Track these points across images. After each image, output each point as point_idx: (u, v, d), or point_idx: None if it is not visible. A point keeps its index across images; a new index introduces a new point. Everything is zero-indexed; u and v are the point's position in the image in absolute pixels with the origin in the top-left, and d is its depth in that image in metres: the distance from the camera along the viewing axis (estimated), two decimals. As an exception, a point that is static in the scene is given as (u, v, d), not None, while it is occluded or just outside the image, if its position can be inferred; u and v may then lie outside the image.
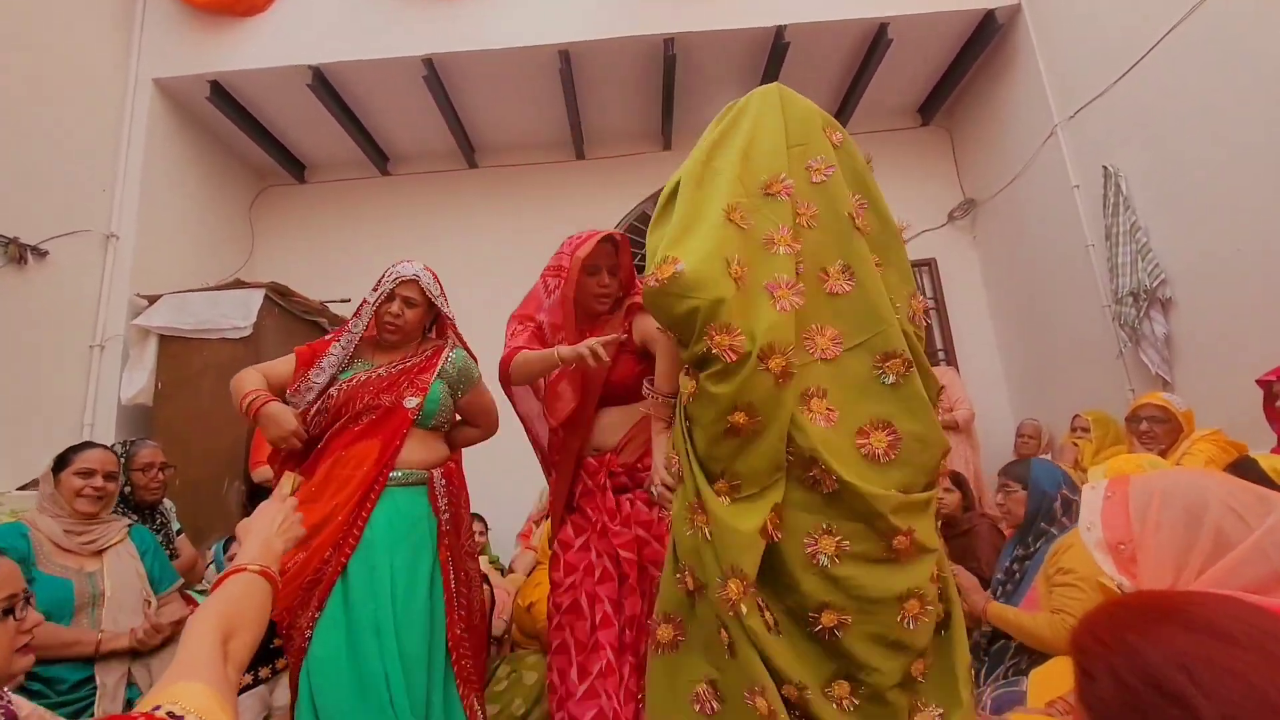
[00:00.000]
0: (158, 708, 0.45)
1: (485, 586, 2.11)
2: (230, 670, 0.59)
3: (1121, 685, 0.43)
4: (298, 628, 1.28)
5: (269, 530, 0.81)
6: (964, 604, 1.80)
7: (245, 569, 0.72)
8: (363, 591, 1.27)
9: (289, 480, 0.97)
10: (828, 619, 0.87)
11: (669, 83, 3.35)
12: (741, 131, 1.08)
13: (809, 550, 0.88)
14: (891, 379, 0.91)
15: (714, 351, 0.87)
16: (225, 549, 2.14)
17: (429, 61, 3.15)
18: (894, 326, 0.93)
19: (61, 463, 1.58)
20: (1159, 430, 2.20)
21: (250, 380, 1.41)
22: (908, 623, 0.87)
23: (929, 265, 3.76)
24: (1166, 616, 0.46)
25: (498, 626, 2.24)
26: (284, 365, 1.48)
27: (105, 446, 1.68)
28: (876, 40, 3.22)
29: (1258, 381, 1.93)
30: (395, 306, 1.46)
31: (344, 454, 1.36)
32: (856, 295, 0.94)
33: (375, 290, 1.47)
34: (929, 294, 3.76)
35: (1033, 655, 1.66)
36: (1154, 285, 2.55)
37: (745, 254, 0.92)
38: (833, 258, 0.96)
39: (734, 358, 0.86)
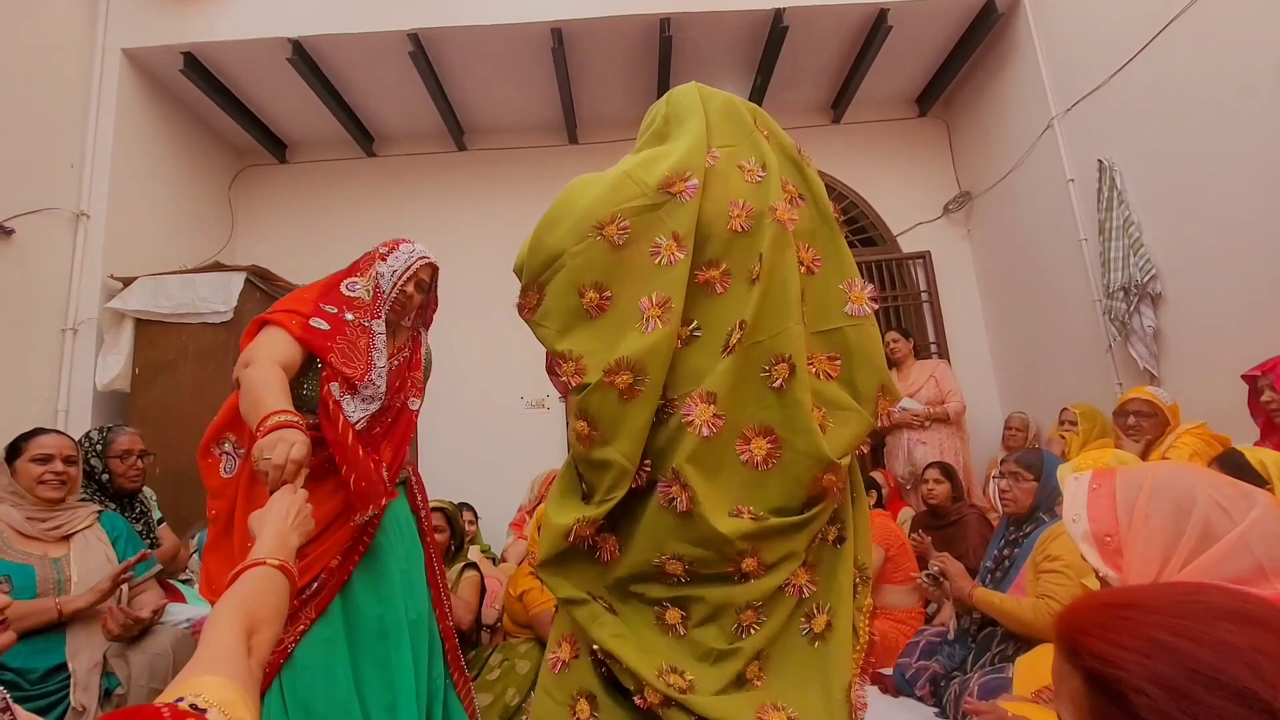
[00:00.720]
0: (180, 699, 0.44)
1: (473, 573, 2.10)
2: (254, 665, 0.58)
3: (1178, 693, 0.40)
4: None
5: (284, 524, 0.78)
6: (951, 589, 1.83)
7: (264, 563, 0.70)
8: (367, 597, 1.23)
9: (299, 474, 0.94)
10: (671, 616, 0.90)
11: (664, 65, 3.27)
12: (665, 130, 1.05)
13: (655, 563, 0.90)
14: (778, 383, 0.88)
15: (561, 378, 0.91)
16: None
17: (415, 37, 3.03)
18: (792, 329, 0.89)
19: (14, 451, 1.53)
20: (1145, 424, 2.22)
21: (277, 397, 1.07)
22: (740, 631, 0.88)
23: (923, 257, 3.76)
24: (1186, 610, 0.44)
25: (489, 615, 2.23)
26: (287, 349, 1.18)
27: (58, 431, 1.64)
28: (876, 26, 3.17)
29: (1243, 377, 1.95)
30: (411, 288, 1.35)
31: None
32: (768, 292, 0.91)
33: (384, 263, 1.33)
34: (923, 286, 3.76)
35: (1019, 643, 1.69)
36: (1145, 280, 2.56)
37: (612, 275, 0.89)
38: (755, 258, 0.93)
39: (575, 383, 0.89)
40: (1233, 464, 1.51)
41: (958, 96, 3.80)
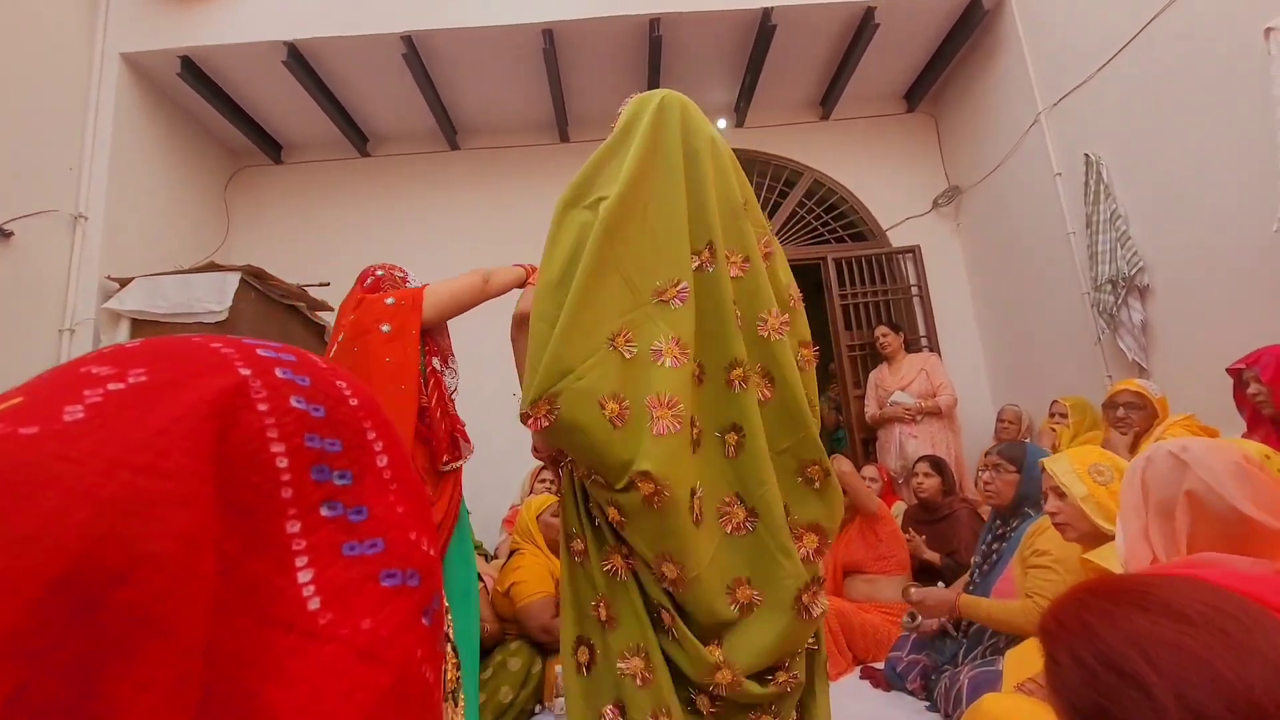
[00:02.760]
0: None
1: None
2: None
3: (1083, 667, 0.44)
4: None
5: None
6: (934, 609, 1.78)
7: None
8: (457, 554, 1.29)
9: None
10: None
11: (655, 65, 3.30)
12: (644, 190, 0.94)
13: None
14: (817, 484, 0.92)
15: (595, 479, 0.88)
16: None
17: (408, 39, 3.07)
18: (814, 435, 0.92)
19: None
20: (1134, 416, 2.24)
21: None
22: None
23: (913, 252, 3.78)
24: (1126, 599, 0.47)
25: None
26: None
27: None
28: (863, 24, 3.20)
29: (1228, 370, 1.96)
30: None
31: None
32: (782, 400, 0.93)
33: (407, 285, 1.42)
34: (913, 280, 3.78)
35: (1010, 638, 1.68)
36: (1132, 273, 2.58)
37: (626, 383, 0.85)
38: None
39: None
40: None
41: (945, 92, 3.82)
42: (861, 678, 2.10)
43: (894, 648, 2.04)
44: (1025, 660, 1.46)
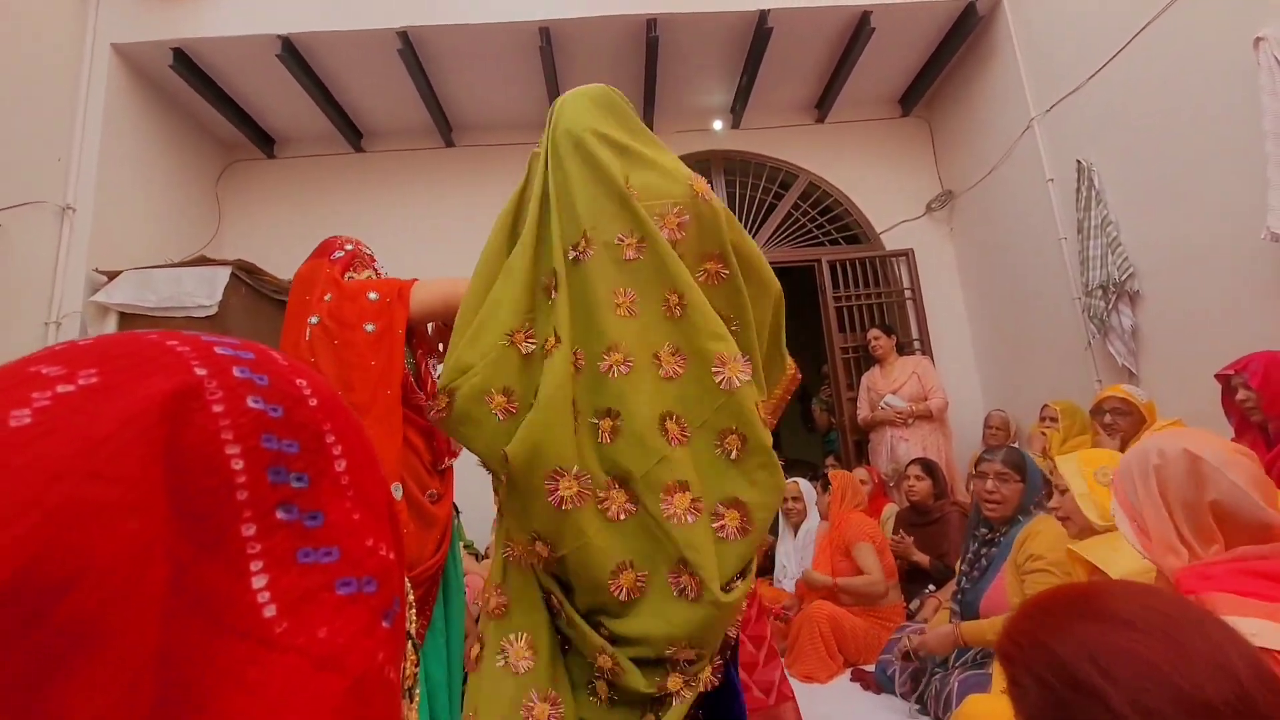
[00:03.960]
0: None
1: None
2: None
3: (1043, 686, 0.44)
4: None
5: None
6: (937, 648, 1.74)
7: None
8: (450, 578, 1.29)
9: None
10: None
11: (651, 65, 3.30)
12: (529, 192, 1.00)
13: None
14: (734, 454, 0.90)
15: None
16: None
17: (404, 35, 3.06)
18: (729, 400, 0.90)
19: None
20: (1121, 422, 2.25)
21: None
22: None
23: (906, 255, 3.80)
24: (1074, 612, 0.47)
25: (474, 611, 2.23)
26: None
27: None
28: (859, 29, 3.22)
29: (1217, 376, 1.97)
30: None
31: None
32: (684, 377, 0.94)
33: (376, 263, 1.40)
34: (906, 284, 3.80)
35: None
36: (1123, 279, 2.60)
37: (521, 378, 0.88)
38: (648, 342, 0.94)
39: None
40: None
41: (940, 97, 3.85)
42: (852, 680, 2.10)
43: (884, 651, 2.04)
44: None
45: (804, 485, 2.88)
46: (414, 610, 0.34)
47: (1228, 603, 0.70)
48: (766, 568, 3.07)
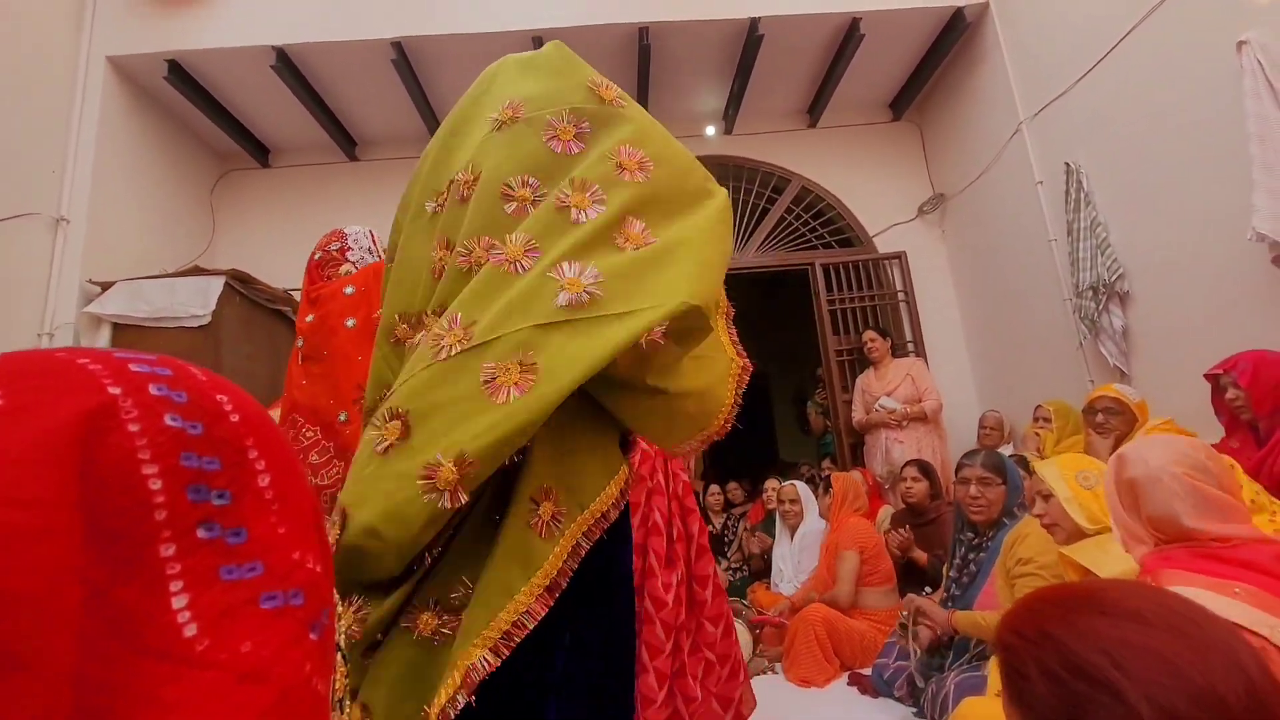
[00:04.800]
0: None
1: None
2: None
3: (1051, 678, 0.44)
4: None
5: None
6: (931, 624, 1.78)
7: None
8: None
9: None
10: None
11: (644, 73, 3.33)
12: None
13: None
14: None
15: None
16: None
17: (398, 45, 3.08)
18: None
19: None
20: (1113, 421, 2.26)
21: None
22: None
23: (899, 258, 3.82)
24: (1082, 605, 0.47)
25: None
26: None
27: None
28: (849, 35, 3.25)
29: (1206, 375, 1.99)
30: None
31: None
32: None
33: (350, 253, 1.35)
34: (899, 286, 3.82)
35: (995, 646, 1.68)
36: (1113, 280, 2.62)
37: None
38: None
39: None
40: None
41: (930, 101, 3.88)
42: (849, 684, 2.10)
43: (881, 654, 2.04)
44: (1010, 665, 1.47)
45: (801, 488, 2.88)
46: (344, 621, 0.35)
47: (1178, 577, 0.73)
48: (764, 571, 3.06)
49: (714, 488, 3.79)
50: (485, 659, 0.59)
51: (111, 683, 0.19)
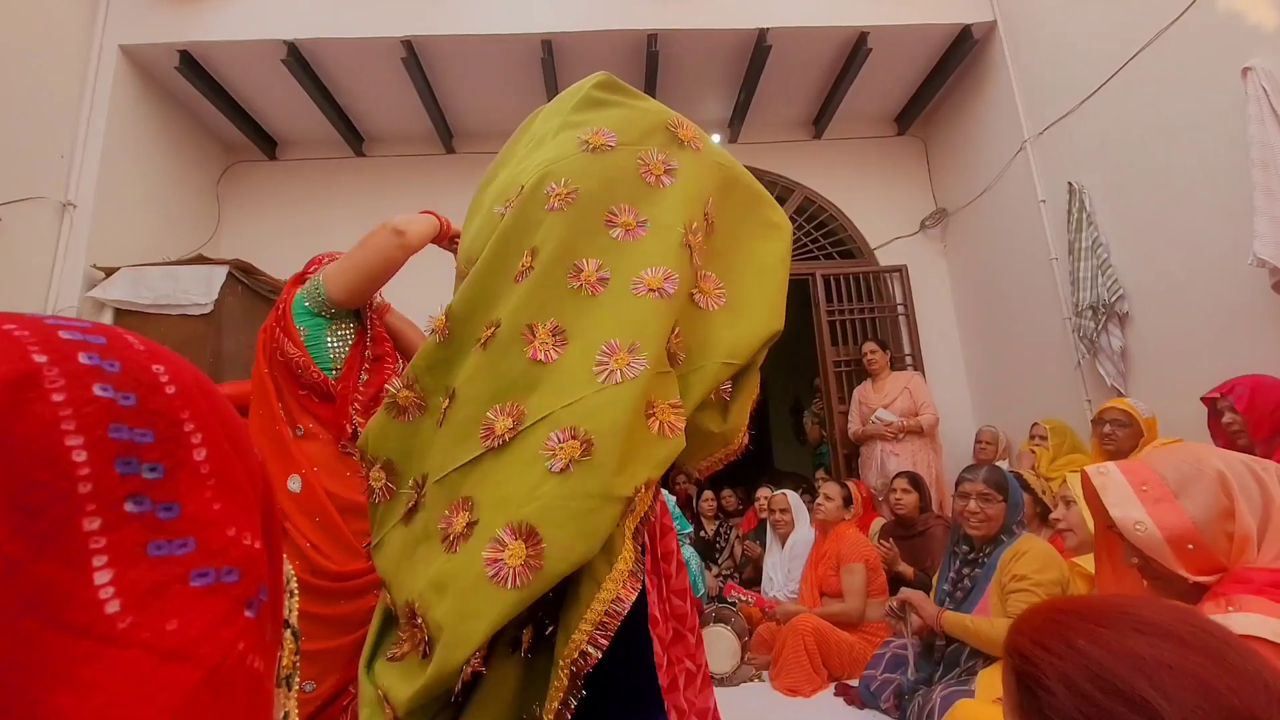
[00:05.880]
0: None
1: None
2: None
3: (1078, 693, 0.42)
4: None
5: None
6: (919, 616, 1.79)
7: None
8: None
9: None
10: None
11: (651, 79, 3.35)
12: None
13: None
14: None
15: None
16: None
17: (409, 43, 3.11)
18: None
19: None
20: (1120, 434, 2.25)
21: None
22: None
23: (900, 272, 3.83)
24: (1113, 620, 0.45)
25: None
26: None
27: None
28: (856, 49, 3.27)
29: (1203, 398, 1.98)
30: None
31: None
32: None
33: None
34: (899, 300, 3.82)
35: (987, 659, 1.67)
36: (1112, 300, 2.63)
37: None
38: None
39: None
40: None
41: (935, 117, 3.90)
42: (835, 695, 2.09)
43: (868, 666, 2.03)
44: (999, 680, 1.46)
45: (793, 498, 2.88)
46: (294, 598, 0.34)
47: (1256, 603, 0.69)
48: (754, 579, 3.06)
49: (708, 494, 3.78)
50: (587, 651, 0.61)
51: (24, 660, 0.18)
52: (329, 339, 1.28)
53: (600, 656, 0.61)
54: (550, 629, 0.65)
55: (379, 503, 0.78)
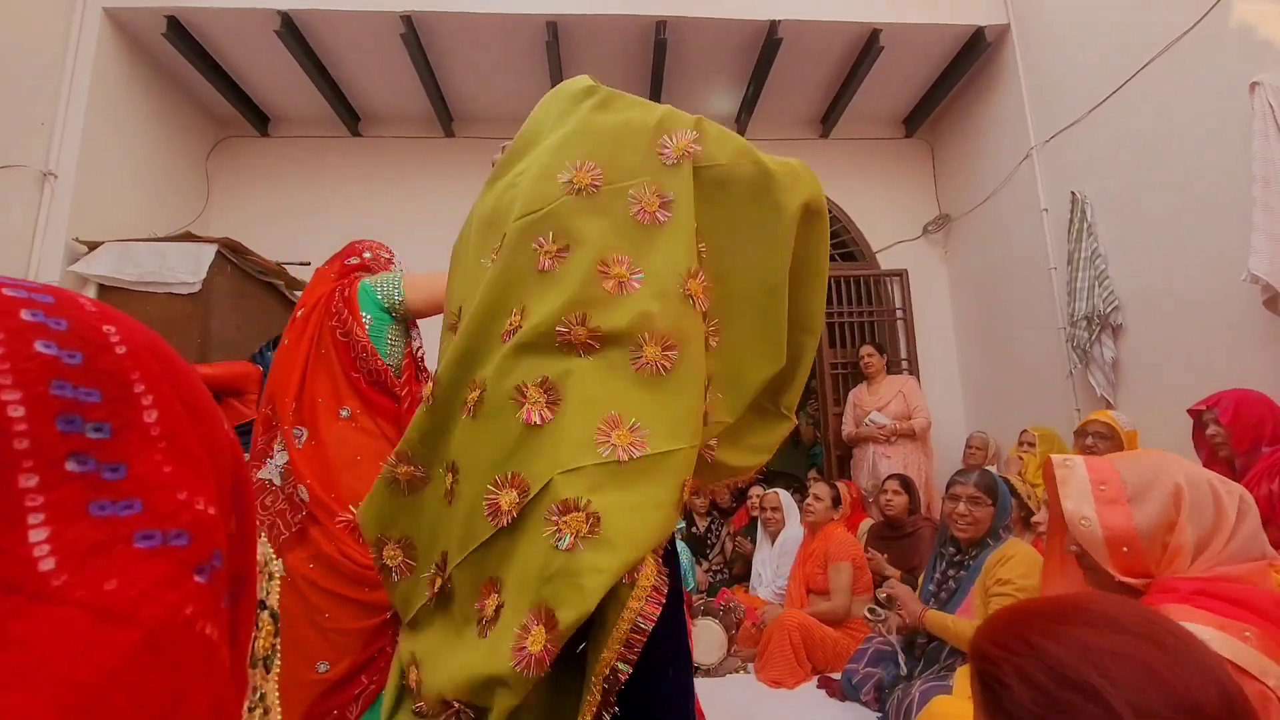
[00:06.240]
0: None
1: None
2: None
3: (1034, 687, 0.44)
4: None
5: None
6: (903, 613, 1.83)
7: None
8: None
9: None
10: None
11: (658, 67, 3.28)
12: None
13: None
14: None
15: None
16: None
17: (408, 19, 3.00)
18: None
19: None
20: (1102, 446, 2.29)
21: None
22: None
23: (900, 275, 3.83)
24: (1063, 615, 0.48)
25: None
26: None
27: None
28: (868, 46, 3.23)
29: (1189, 411, 2.02)
30: None
31: None
32: None
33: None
34: (898, 304, 3.83)
35: (965, 658, 1.71)
36: (1107, 311, 2.65)
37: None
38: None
39: None
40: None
41: (943, 120, 3.88)
42: (818, 686, 2.14)
43: (851, 660, 2.08)
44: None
45: (784, 496, 2.90)
46: (274, 581, 0.33)
47: (1182, 612, 0.72)
48: (743, 575, 3.09)
49: (699, 489, 3.80)
50: (618, 668, 0.62)
51: None
52: (389, 337, 1.31)
53: (630, 673, 0.61)
54: (580, 647, 0.65)
55: (399, 580, 0.77)
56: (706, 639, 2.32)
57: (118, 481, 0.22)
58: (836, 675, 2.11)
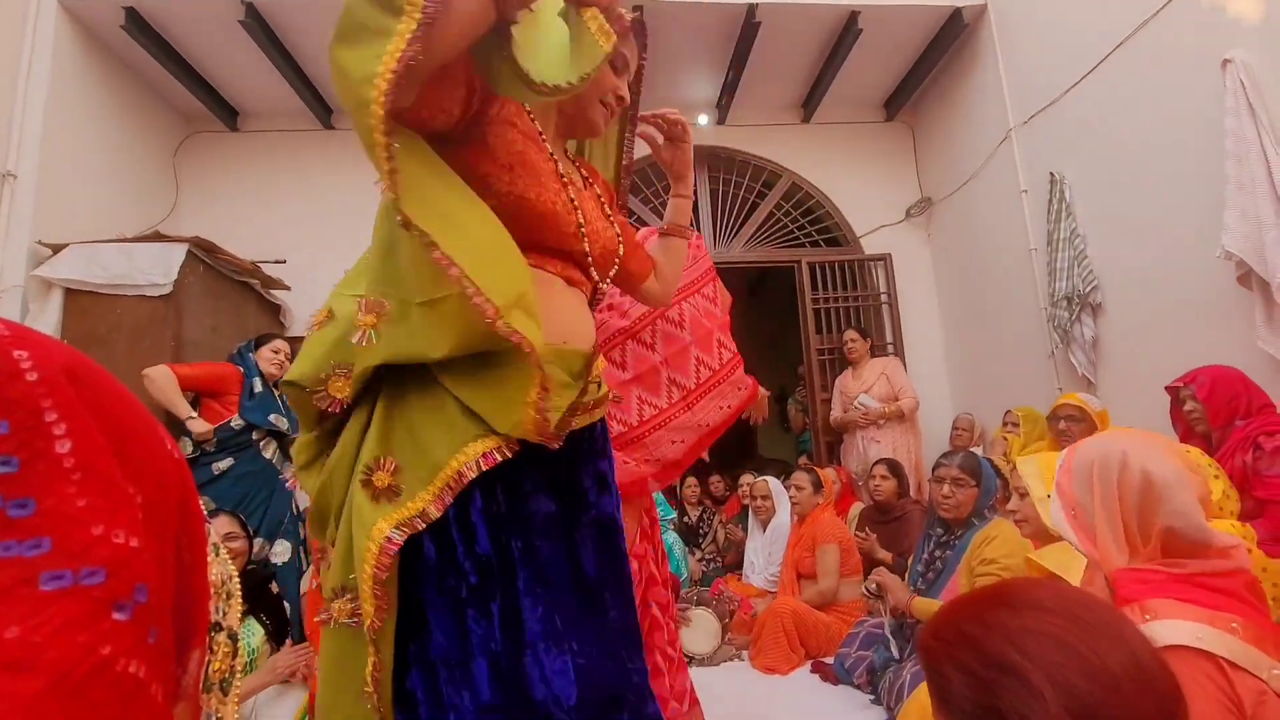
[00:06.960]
0: None
1: None
2: None
3: (968, 674, 0.47)
4: None
5: None
6: (890, 600, 1.85)
7: None
8: None
9: None
10: None
11: (637, 54, 3.24)
12: None
13: None
14: None
15: None
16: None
17: (380, 8, 2.92)
18: None
19: None
20: (1075, 429, 2.33)
21: None
22: None
23: (884, 260, 3.84)
24: (990, 603, 0.50)
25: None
26: None
27: None
28: (846, 29, 3.21)
29: (1167, 388, 2.05)
30: None
31: None
32: None
33: None
34: (883, 288, 3.84)
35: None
36: (1087, 291, 2.68)
37: None
38: None
39: None
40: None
41: (923, 103, 3.88)
42: (812, 671, 2.16)
43: (843, 644, 2.11)
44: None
45: (774, 484, 2.91)
46: (232, 600, 0.32)
47: (1169, 607, 0.71)
48: (736, 564, 3.10)
49: (691, 480, 3.80)
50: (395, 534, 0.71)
51: None
52: None
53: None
54: None
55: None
56: (701, 628, 2.34)
57: (24, 519, 0.20)
58: (829, 660, 2.13)
